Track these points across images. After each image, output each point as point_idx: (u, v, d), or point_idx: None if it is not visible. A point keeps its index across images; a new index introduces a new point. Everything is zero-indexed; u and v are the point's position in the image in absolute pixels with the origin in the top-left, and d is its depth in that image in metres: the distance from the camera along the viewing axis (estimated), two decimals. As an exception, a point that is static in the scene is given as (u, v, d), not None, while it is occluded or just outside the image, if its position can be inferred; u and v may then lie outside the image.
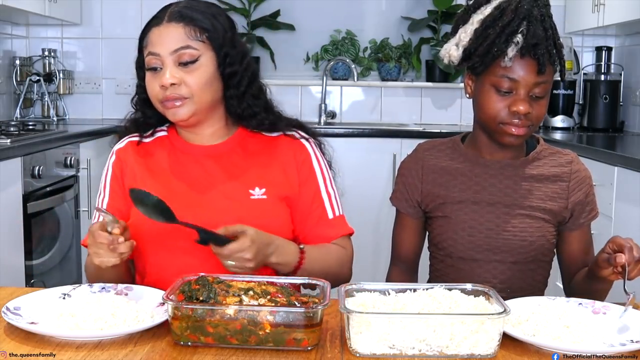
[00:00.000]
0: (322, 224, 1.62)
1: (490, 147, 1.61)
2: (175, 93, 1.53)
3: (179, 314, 1.16)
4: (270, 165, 1.63)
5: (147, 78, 1.58)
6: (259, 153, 1.64)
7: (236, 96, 1.61)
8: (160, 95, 1.55)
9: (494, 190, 1.59)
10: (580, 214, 1.61)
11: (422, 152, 1.69)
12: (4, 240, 2.63)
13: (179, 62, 1.53)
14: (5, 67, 4.06)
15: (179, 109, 1.55)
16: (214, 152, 1.63)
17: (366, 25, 4.45)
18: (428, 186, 1.64)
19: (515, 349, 1.18)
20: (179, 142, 1.65)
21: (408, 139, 3.72)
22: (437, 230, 1.64)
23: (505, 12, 1.50)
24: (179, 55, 1.53)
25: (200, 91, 1.55)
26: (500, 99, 1.52)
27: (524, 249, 1.58)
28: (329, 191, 1.65)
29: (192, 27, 1.55)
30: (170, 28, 1.54)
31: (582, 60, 4.26)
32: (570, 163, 1.62)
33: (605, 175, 2.75)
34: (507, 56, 1.48)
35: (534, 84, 1.50)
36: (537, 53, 1.48)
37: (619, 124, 4.05)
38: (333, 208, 1.64)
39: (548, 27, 1.51)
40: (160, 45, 1.54)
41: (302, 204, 1.62)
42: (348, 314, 1.14)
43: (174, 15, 1.55)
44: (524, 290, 1.57)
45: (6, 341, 1.18)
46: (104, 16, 4.30)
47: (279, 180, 1.61)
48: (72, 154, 3.29)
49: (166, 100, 1.54)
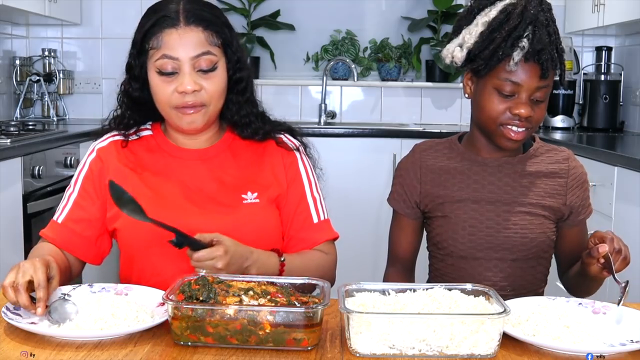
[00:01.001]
0: (307, 228, 1.60)
1: (488, 147, 1.62)
2: (195, 100, 1.49)
3: (179, 314, 1.16)
4: (259, 168, 1.60)
5: (156, 81, 1.51)
6: (247, 156, 1.62)
7: (238, 102, 1.59)
8: (176, 100, 1.50)
9: (493, 188, 1.60)
10: (579, 211, 1.62)
11: (419, 152, 1.69)
12: (4, 240, 2.63)
13: (198, 68, 1.49)
14: (5, 67, 4.06)
15: (196, 116, 1.51)
16: (203, 156, 1.60)
17: (366, 25, 4.46)
18: (427, 186, 1.64)
19: (515, 349, 1.18)
20: (167, 144, 1.61)
21: (408, 139, 3.72)
22: (437, 230, 1.64)
23: (511, 15, 1.50)
24: (198, 60, 1.49)
25: (218, 98, 1.53)
26: (502, 102, 1.52)
27: (525, 246, 1.58)
28: (314, 195, 1.63)
29: (211, 31, 1.51)
30: (189, 32, 1.49)
31: (582, 60, 4.26)
32: (567, 160, 1.63)
33: (605, 175, 2.75)
34: (512, 60, 1.48)
35: (536, 88, 1.51)
36: (542, 58, 1.48)
37: (619, 124, 4.05)
38: (318, 212, 1.62)
39: (552, 32, 1.51)
40: (179, 49, 1.48)
41: (288, 207, 1.60)
42: (348, 314, 1.14)
43: (192, 17, 1.50)
44: (524, 287, 1.58)
45: (6, 341, 1.18)
46: (104, 16, 4.30)
47: (269, 183, 1.59)
48: (72, 154, 3.29)
49: (183, 107, 1.50)
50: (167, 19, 1.50)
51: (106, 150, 1.60)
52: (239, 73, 1.57)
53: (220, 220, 1.51)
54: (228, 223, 1.50)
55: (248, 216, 1.54)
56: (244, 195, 1.56)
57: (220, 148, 1.62)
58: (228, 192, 1.56)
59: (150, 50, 1.51)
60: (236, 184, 1.57)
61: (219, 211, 1.54)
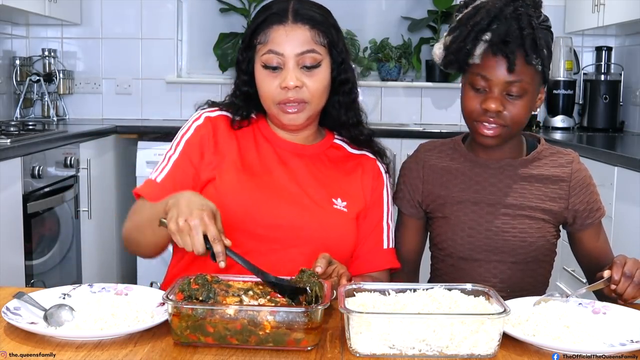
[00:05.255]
0: (376, 252, 1.63)
1: (484, 147, 1.61)
2: (297, 96, 1.52)
3: (179, 313, 1.16)
4: (350, 179, 1.63)
5: (261, 76, 1.54)
6: (341, 165, 1.64)
7: (345, 103, 1.61)
8: (279, 96, 1.53)
9: (494, 190, 1.59)
10: (586, 215, 1.60)
11: (423, 152, 1.69)
12: (4, 240, 2.63)
13: (302, 65, 1.52)
14: (5, 67, 4.06)
15: (298, 114, 1.54)
16: (302, 152, 1.62)
17: (366, 25, 4.45)
18: (429, 186, 1.64)
19: (515, 349, 1.18)
20: (269, 133, 1.63)
21: (408, 139, 3.72)
22: (437, 230, 1.64)
23: (479, 11, 1.51)
24: (302, 58, 1.52)
25: (319, 97, 1.55)
26: (475, 97, 1.53)
27: (524, 250, 1.58)
28: (389, 223, 1.66)
29: (317, 30, 1.53)
30: (296, 29, 1.52)
31: (582, 60, 4.26)
32: (571, 163, 1.62)
33: (605, 175, 2.75)
34: (475, 54, 1.49)
35: (507, 82, 1.49)
36: (507, 51, 1.47)
37: (619, 124, 4.05)
38: (389, 239, 1.65)
39: (526, 25, 1.48)
40: (285, 45, 1.51)
41: (364, 226, 1.62)
42: (348, 314, 1.14)
43: (299, 16, 1.53)
44: (525, 290, 1.57)
45: (6, 341, 1.18)
46: (104, 16, 4.30)
47: (357, 196, 1.61)
48: (72, 154, 3.29)
49: (286, 103, 1.53)
50: (276, 16, 1.54)
51: (215, 120, 1.62)
52: (344, 74, 1.59)
53: (309, 217, 1.54)
54: (316, 222, 1.54)
55: (335, 221, 1.56)
56: (335, 200, 1.59)
57: (317, 149, 1.64)
58: (321, 192, 1.58)
59: (257, 45, 1.55)
60: (329, 187, 1.60)
61: (309, 208, 1.56)
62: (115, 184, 3.77)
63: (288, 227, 1.53)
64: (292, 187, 1.58)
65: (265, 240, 1.52)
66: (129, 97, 4.37)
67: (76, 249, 3.32)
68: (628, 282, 1.35)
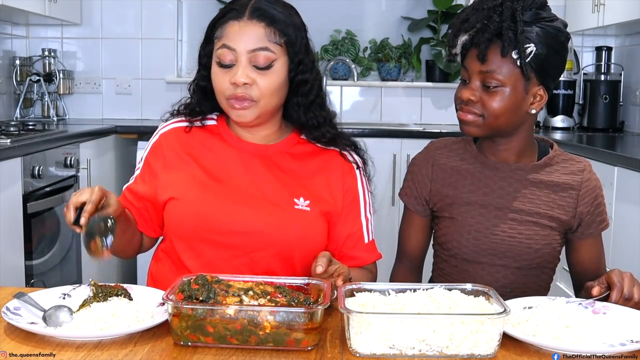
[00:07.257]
0: (359, 248, 1.63)
1: (492, 149, 1.61)
2: (245, 93, 1.51)
3: (179, 313, 1.16)
4: (316, 177, 1.61)
5: (215, 70, 1.55)
6: (306, 162, 1.63)
7: (303, 105, 1.60)
8: (228, 92, 1.53)
9: (502, 193, 1.58)
10: (589, 224, 1.59)
11: (433, 150, 1.68)
12: (4, 240, 2.63)
13: (254, 63, 1.51)
14: (5, 67, 4.06)
15: (245, 111, 1.53)
16: (262, 152, 1.61)
17: (366, 25, 4.46)
18: (437, 185, 1.64)
19: (515, 349, 1.18)
20: (229, 135, 1.63)
21: (408, 139, 3.73)
22: (443, 230, 1.63)
23: (471, 5, 1.55)
24: (255, 55, 1.51)
25: (270, 96, 1.54)
26: (462, 87, 1.56)
27: (529, 256, 1.57)
28: (367, 216, 1.65)
29: (273, 28, 1.52)
30: (250, 25, 1.52)
31: (582, 60, 4.26)
32: (583, 171, 1.60)
33: (605, 175, 2.75)
34: (456, 44, 1.53)
35: (479, 72, 1.51)
36: (479, 40, 1.49)
37: (619, 124, 4.05)
38: (369, 232, 1.64)
39: (507, 17, 1.47)
40: (237, 41, 1.51)
41: (341, 225, 1.61)
42: (348, 314, 1.14)
43: (256, 13, 1.53)
44: (527, 294, 1.55)
45: (6, 341, 1.18)
46: (104, 16, 4.30)
47: (322, 195, 1.60)
48: (72, 154, 3.29)
49: (234, 99, 1.52)
50: (235, 12, 1.55)
51: (166, 136, 1.65)
52: (302, 75, 1.57)
53: (269, 220, 1.53)
54: (276, 224, 1.53)
55: (297, 221, 1.55)
56: (297, 200, 1.57)
57: (280, 148, 1.63)
58: (281, 193, 1.57)
59: (215, 40, 1.56)
60: (290, 187, 1.58)
61: (268, 210, 1.55)
62: (115, 184, 3.77)
63: (248, 232, 1.53)
64: (251, 190, 1.57)
65: (227, 247, 1.53)
66: (129, 97, 4.37)
67: (76, 249, 3.31)
68: (628, 304, 1.35)
